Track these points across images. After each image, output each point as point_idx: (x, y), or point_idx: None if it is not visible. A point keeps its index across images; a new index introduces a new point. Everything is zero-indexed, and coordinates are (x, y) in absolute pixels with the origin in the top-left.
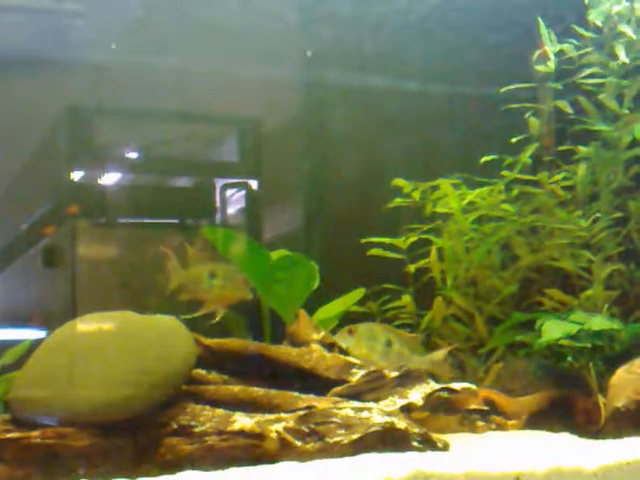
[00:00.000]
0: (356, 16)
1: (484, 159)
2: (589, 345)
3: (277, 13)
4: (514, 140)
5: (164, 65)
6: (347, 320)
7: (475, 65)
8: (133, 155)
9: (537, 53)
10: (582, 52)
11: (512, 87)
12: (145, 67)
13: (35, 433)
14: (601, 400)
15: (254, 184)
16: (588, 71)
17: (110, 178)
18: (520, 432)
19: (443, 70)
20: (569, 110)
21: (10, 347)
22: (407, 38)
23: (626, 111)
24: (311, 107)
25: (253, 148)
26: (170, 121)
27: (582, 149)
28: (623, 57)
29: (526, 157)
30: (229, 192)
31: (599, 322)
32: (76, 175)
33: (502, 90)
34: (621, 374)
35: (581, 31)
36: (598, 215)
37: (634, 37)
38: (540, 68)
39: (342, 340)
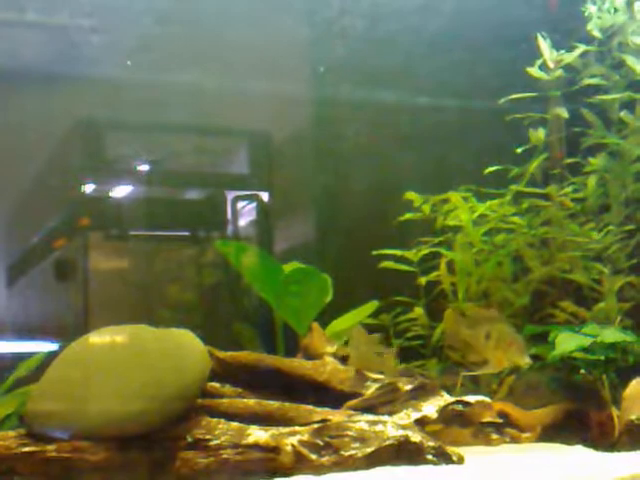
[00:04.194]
0: (368, 32)
1: (489, 170)
2: (602, 357)
3: (290, 29)
4: (519, 150)
5: (178, 80)
6: None
7: (486, 80)
8: (145, 168)
9: (538, 62)
10: (584, 60)
11: (515, 97)
12: (159, 83)
13: (51, 447)
14: (615, 413)
15: (265, 196)
16: (591, 81)
17: (122, 191)
18: (534, 445)
19: (454, 85)
20: (565, 115)
21: (23, 360)
22: (419, 54)
23: (639, 123)
24: (323, 122)
25: (264, 161)
26: (182, 134)
27: (592, 161)
28: (638, 69)
29: (532, 168)
30: (240, 204)
31: (612, 334)
32: (88, 188)
33: (502, 100)
34: (635, 386)
35: (577, 45)
36: (610, 227)
37: None
38: (538, 75)
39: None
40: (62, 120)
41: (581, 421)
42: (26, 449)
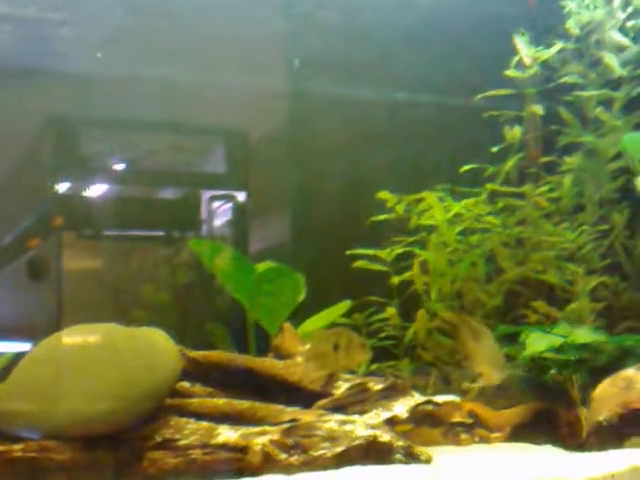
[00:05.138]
0: (345, 26)
1: (464, 168)
2: (573, 358)
3: (265, 22)
4: (495, 149)
5: (150, 74)
6: None
7: (463, 76)
8: (119, 166)
9: (515, 59)
10: (558, 57)
11: (490, 94)
12: (131, 77)
13: (17, 446)
14: (584, 413)
15: (241, 196)
16: (567, 79)
17: (96, 190)
18: (504, 445)
19: (430, 80)
20: (540, 112)
21: None
22: (395, 48)
23: (615, 121)
24: (298, 117)
25: (241, 160)
26: (156, 132)
27: (568, 160)
28: (617, 68)
29: (508, 167)
30: (216, 204)
31: (584, 334)
32: (61, 186)
33: (479, 97)
34: (604, 387)
35: (555, 41)
36: (584, 227)
37: (628, 43)
38: (515, 74)
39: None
40: (34, 116)
41: (550, 421)
42: None
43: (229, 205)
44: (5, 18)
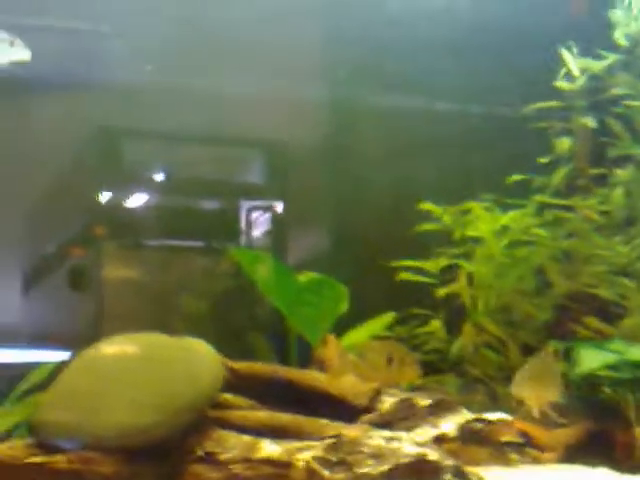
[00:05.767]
0: (390, 36)
1: (512, 179)
2: (629, 376)
3: (308, 31)
4: (543, 160)
5: (194, 86)
6: None
7: (510, 87)
8: (161, 177)
9: (563, 71)
10: (607, 68)
11: (539, 106)
12: (176, 88)
13: (60, 457)
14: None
15: (280, 206)
16: (617, 91)
17: (138, 199)
18: (556, 466)
19: (478, 91)
20: (592, 124)
21: (35, 369)
22: (442, 60)
23: None
24: (341, 128)
25: (281, 170)
26: (198, 143)
27: (618, 172)
28: None
29: (558, 179)
30: (255, 214)
31: (639, 352)
32: (104, 196)
33: (528, 108)
34: None
35: (601, 52)
36: (637, 241)
37: None
38: (564, 85)
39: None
40: (80, 127)
41: (606, 442)
42: (35, 459)
43: (268, 215)
44: (58, 30)
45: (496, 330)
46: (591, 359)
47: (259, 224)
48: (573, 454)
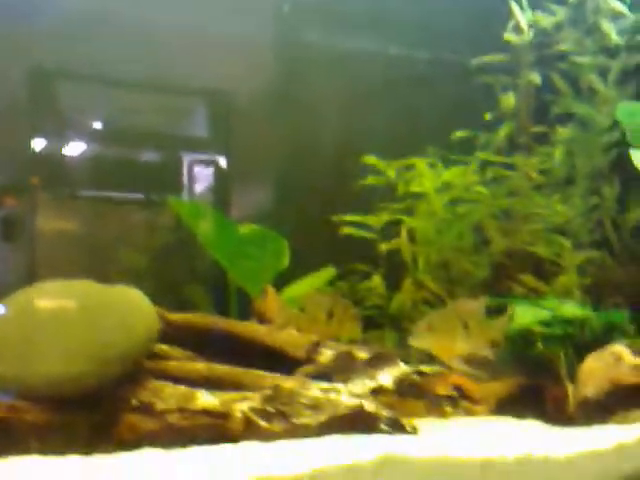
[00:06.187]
0: None
1: (456, 135)
2: (560, 332)
3: None
4: (488, 117)
5: (129, 19)
6: None
7: (459, 33)
8: (98, 125)
9: (511, 24)
10: (555, 23)
11: (487, 58)
12: (112, 22)
13: None
14: (570, 388)
15: (223, 160)
16: (563, 47)
17: (74, 148)
18: (488, 418)
19: (425, 35)
20: (537, 81)
21: None
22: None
23: (610, 91)
24: (285, 73)
25: (223, 122)
26: (138, 91)
27: (560, 130)
28: (614, 36)
29: (500, 137)
30: (197, 168)
31: (571, 309)
32: (38, 143)
33: (475, 60)
34: (591, 362)
35: (552, 6)
36: (575, 200)
37: (625, 11)
38: (511, 38)
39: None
40: (10, 68)
41: (537, 396)
42: None
43: (210, 168)
44: None
45: (434, 287)
46: (524, 315)
47: (201, 177)
48: (505, 407)
